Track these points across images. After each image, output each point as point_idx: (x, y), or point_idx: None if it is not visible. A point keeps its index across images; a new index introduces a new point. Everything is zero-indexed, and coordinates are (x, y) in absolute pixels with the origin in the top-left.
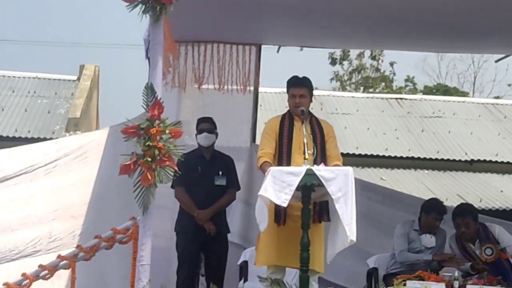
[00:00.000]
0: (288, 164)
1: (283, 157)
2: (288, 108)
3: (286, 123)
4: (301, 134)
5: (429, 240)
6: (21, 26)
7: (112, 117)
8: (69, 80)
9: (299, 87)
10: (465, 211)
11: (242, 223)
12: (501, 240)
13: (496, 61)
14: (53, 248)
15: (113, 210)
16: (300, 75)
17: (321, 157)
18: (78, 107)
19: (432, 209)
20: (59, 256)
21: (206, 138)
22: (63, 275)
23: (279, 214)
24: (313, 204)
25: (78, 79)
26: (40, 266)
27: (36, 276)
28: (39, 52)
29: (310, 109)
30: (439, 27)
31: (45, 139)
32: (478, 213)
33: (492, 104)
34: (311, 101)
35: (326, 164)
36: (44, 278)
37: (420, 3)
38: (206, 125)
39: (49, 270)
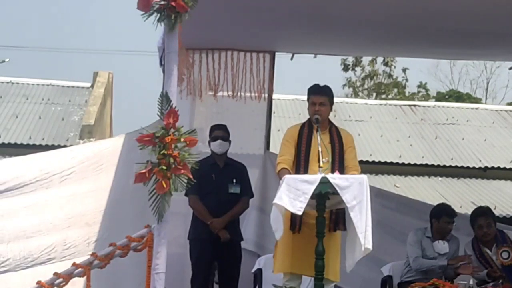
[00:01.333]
0: (306, 172)
1: (300, 165)
2: (308, 117)
3: (305, 132)
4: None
5: (442, 246)
6: (34, 33)
7: (126, 124)
8: (83, 87)
9: (320, 95)
10: (486, 212)
11: (257, 230)
12: None
13: (510, 68)
14: (68, 256)
15: (127, 217)
16: (321, 84)
17: (339, 166)
18: (92, 114)
19: (441, 213)
20: (74, 264)
21: (220, 146)
22: (78, 283)
23: (294, 222)
24: (329, 212)
25: (92, 86)
26: (55, 274)
27: (51, 284)
28: (53, 59)
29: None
30: (452, 35)
31: (59, 146)
32: None
33: (506, 111)
34: (331, 110)
35: (343, 174)
36: (59, 286)
37: (433, 12)
38: (220, 132)
39: (64, 278)
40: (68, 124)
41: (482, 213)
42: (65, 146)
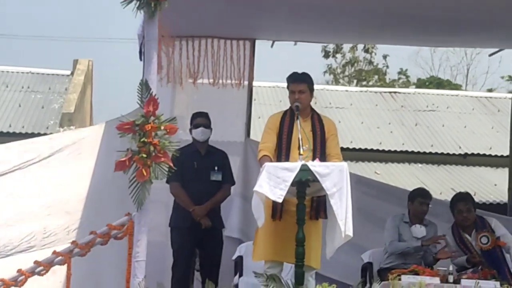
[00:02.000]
0: (287, 160)
1: (282, 153)
2: (289, 105)
3: (287, 120)
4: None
5: (419, 230)
6: (14, 21)
7: (106, 112)
8: (63, 75)
9: (298, 82)
10: (466, 197)
11: (241, 217)
12: (497, 231)
13: (490, 55)
14: (48, 244)
15: (108, 205)
16: (299, 71)
17: (320, 154)
18: (72, 102)
19: (415, 195)
20: (54, 252)
21: (202, 133)
22: (58, 271)
23: (275, 209)
24: (310, 200)
25: (72, 73)
26: (36, 262)
27: (31, 272)
28: (33, 46)
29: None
30: (432, 22)
31: (39, 134)
32: None
33: (486, 97)
34: (312, 96)
35: (324, 161)
36: (40, 274)
37: None
38: (202, 119)
39: (44, 266)
40: (48, 112)
41: (462, 198)
42: (45, 134)
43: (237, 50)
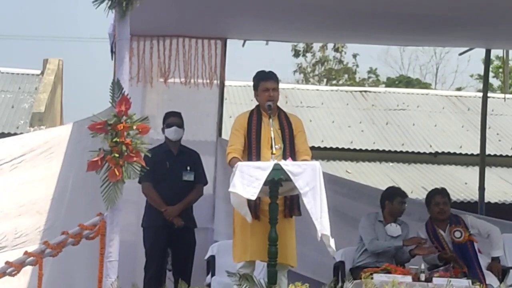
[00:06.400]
0: (258, 159)
1: (252, 152)
2: (256, 104)
3: (254, 119)
4: (269, 129)
5: (394, 229)
6: None
7: (76, 112)
8: (33, 75)
9: (272, 80)
10: (443, 191)
11: (225, 220)
12: (474, 225)
13: (460, 54)
14: (19, 244)
15: (79, 205)
16: (266, 70)
17: (290, 152)
18: (42, 102)
19: (395, 194)
20: (26, 253)
21: (175, 132)
22: (29, 271)
23: (250, 209)
24: (283, 199)
25: (42, 73)
26: (7, 262)
27: (2, 273)
28: (2, 46)
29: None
30: (402, 21)
31: (9, 134)
32: None
33: (456, 96)
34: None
35: (294, 159)
36: (11, 274)
37: None
38: (175, 119)
39: (15, 267)
40: (18, 111)
41: (439, 192)
42: (15, 134)
43: (208, 49)
